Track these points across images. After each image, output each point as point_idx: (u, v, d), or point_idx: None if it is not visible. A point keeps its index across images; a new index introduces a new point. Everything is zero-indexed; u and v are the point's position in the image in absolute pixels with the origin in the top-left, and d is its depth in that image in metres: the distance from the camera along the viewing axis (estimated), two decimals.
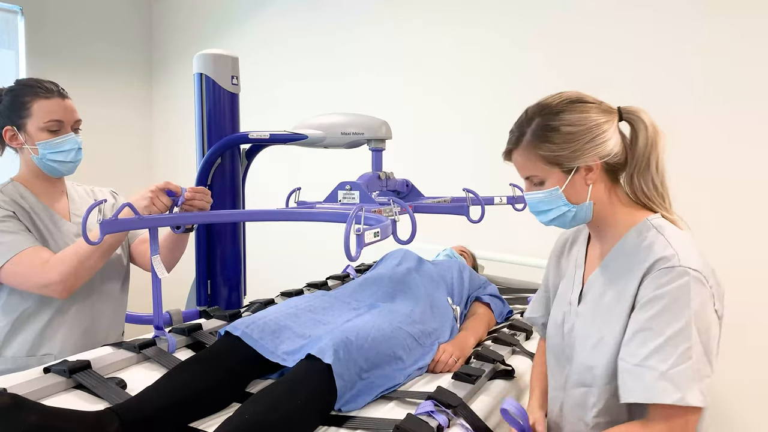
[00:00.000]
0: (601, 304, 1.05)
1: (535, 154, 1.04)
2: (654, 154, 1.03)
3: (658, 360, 0.92)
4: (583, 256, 1.17)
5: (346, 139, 1.68)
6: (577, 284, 1.14)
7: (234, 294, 1.94)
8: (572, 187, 1.04)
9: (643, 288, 0.97)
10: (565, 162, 1.02)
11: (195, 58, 1.87)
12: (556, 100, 1.05)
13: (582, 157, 1.02)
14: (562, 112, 1.03)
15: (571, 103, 1.04)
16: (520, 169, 1.09)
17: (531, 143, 1.04)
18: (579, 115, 1.02)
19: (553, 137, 1.02)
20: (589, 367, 1.05)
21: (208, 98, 1.85)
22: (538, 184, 1.07)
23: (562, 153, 1.02)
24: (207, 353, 1.30)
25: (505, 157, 1.11)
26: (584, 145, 1.01)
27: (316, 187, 1.91)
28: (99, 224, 1.28)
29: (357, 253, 1.06)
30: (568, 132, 1.01)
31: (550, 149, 1.02)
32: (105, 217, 1.30)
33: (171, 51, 4.01)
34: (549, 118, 1.03)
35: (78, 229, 1.54)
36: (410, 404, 1.22)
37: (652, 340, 0.93)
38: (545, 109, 1.05)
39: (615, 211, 1.07)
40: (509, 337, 1.57)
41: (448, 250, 2.26)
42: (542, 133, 1.03)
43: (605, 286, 1.06)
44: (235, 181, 1.93)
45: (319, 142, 1.71)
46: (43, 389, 1.17)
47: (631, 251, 1.03)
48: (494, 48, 2.62)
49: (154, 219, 1.37)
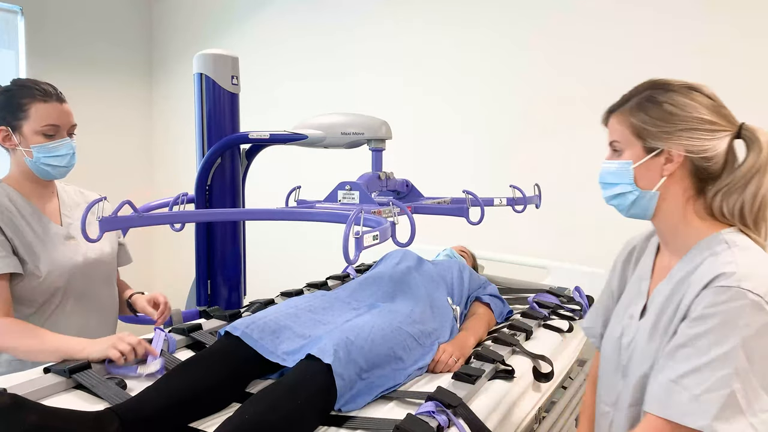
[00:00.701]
0: (662, 320, 0.99)
1: (627, 121, 1.02)
2: (757, 179, 0.96)
3: (694, 381, 0.87)
4: (650, 267, 1.10)
5: (346, 139, 1.68)
6: (641, 297, 1.08)
7: (234, 294, 1.94)
8: (645, 169, 1.00)
9: (696, 303, 0.92)
10: (649, 138, 0.99)
11: (195, 58, 1.87)
12: (677, 81, 1.00)
13: (669, 141, 0.97)
14: (674, 92, 0.99)
15: (689, 89, 0.99)
16: (610, 132, 1.06)
17: (629, 109, 1.02)
18: (688, 101, 0.97)
19: (652, 110, 0.99)
20: (643, 386, 0.99)
21: (208, 98, 1.85)
22: (616, 153, 1.04)
23: (651, 128, 0.98)
24: (207, 353, 1.30)
25: (604, 117, 1.08)
26: (677, 131, 0.97)
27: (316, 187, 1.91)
28: (98, 221, 1.28)
29: (356, 257, 1.06)
30: (668, 111, 0.97)
31: (642, 119, 0.99)
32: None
33: (171, 51, 4.01)
34: (659, 92, 1.00)
35: (67, 231, 1.54)
36: (410, 404, 1.22)
37: (693, 359, 0.88)
38: (660, 85, 1.01)
39: (688, 220, 1.01)
40: (509, 337, 1.57)
41: (448, 250, 2.26)
42: (644, 103, 1.00)
43: (668, 300, 1.00)
44: (235, 181, 1.93)
45: (319, 142, 1.71)
46: (43, 389, 1.17)
47: (696, 264, 0.97)
48: (494, 48, 2.63)
49: (153, 217, 1.37)
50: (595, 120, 2.40)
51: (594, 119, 2.51)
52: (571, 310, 1.98)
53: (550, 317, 1.87)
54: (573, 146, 2.46)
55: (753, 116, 1.67)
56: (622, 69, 2.26)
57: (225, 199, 1.89)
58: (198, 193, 1.87)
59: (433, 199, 1.82)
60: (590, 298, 2.12)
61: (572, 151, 2.47)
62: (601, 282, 2.19)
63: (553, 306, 1.96)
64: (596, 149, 2.44)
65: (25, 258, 1.43)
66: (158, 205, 1.93)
